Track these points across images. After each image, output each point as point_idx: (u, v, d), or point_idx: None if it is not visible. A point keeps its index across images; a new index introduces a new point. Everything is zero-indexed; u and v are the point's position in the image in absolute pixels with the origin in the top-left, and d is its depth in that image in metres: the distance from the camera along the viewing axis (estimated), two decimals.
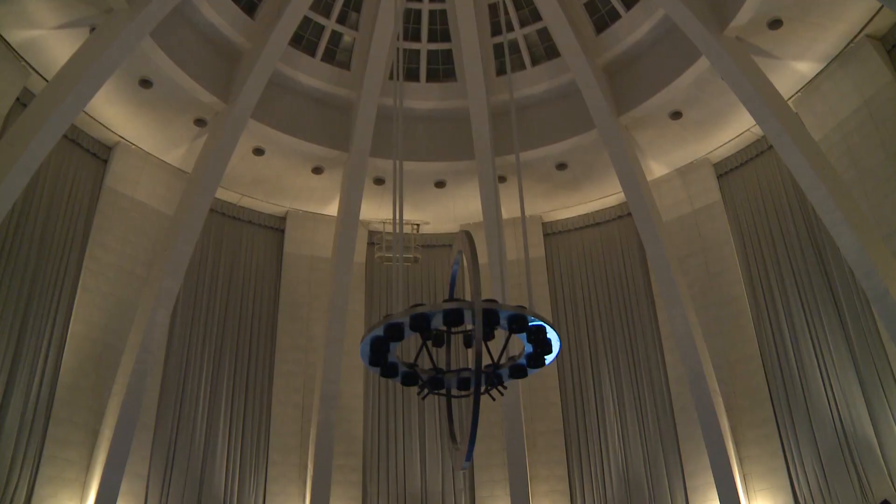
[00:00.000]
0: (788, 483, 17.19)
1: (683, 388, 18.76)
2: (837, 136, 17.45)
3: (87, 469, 16.67)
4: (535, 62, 20.48)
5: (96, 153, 19.01)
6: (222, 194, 20.59)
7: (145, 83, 17.95)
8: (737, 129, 19.46)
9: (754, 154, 19.83)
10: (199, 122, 19.14)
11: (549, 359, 7.69)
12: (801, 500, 16.97)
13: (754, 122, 17.91)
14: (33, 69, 16.88)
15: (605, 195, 21.81)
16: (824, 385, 17.08)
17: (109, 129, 18.82)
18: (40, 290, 16.96)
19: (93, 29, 16.57)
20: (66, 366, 16.97)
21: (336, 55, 20.39)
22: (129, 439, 16.58)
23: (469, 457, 7.12)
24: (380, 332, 7.35)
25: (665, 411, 19.40)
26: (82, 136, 18.61)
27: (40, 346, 16.71)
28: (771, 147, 18.55)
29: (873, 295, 15.26)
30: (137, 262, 18.87)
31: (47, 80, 16.73)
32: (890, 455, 15.66)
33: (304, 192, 21.63)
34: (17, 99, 16.77)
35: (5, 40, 16.23)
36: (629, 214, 20.41)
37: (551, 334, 7.48)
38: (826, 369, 17.11)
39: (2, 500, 15.31)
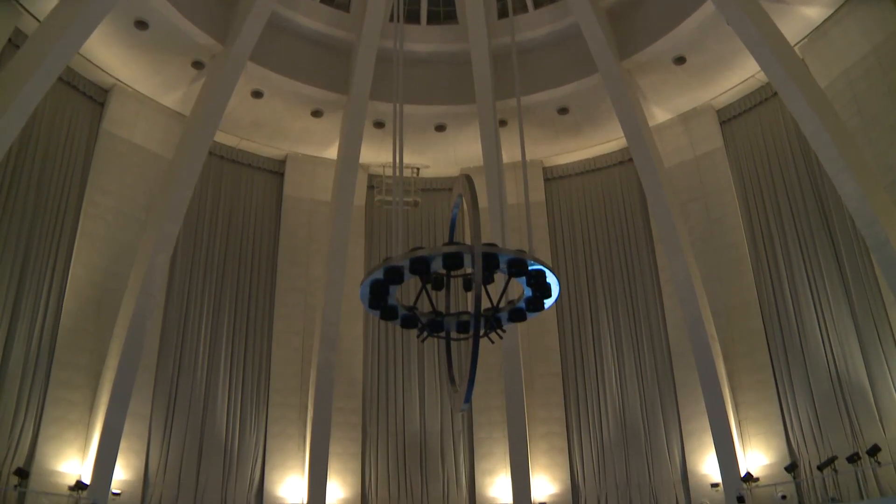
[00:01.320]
0: (782, 428, 17.41)
1: (681, 334, 18.88)
2: (843, 83, 17.26)
3: (91, 410, 16.86)
4: (537, 5, 20.16)
5: (93, 96, 18.80)
6: (221, 138, 20.43)
7: (141, 24, 17.65)
8: (741, 75, 19.22)
9: (758, 101, 19.63)
10: (197, 65, 18.89)
11: (548, 303, 7.70)
12: (794, 445, 17.21)
13: (759, 69, 17.67)
14: (24, 9, 16.56)
15: (606, 140, 21.66)
16: (821, 332, 17.19)
17: (105, 72, 18.58)
18: (39, 234, 16.95)
19: None
20: (67, 309, 17.05)
21: None
22: (131, 381, 16.73)
23: (468, 399, 7.17)
24: (379, 275, 7.35)
25: (662, 356, 19.55)
26: (78, 79, 18.38)
27: (41, 290, 16.76)
28: (775, 94, 18.36)
29: (873, 243, 15.25)
30: (136, 206, 18.82)
31: (39, 21, 16.45)
32: (882, 401, 15.83)
33: (303, 136, 21.47)
34: (10, 40, 16.50)
35: None
36: (630, 160, 20.29)
37: (551, 278, 7.48)
38: (823, 316, 17.20)
39: (9, 440, 15.53)
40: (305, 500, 18.43)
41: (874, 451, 15.23)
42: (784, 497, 16.64)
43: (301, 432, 19.23)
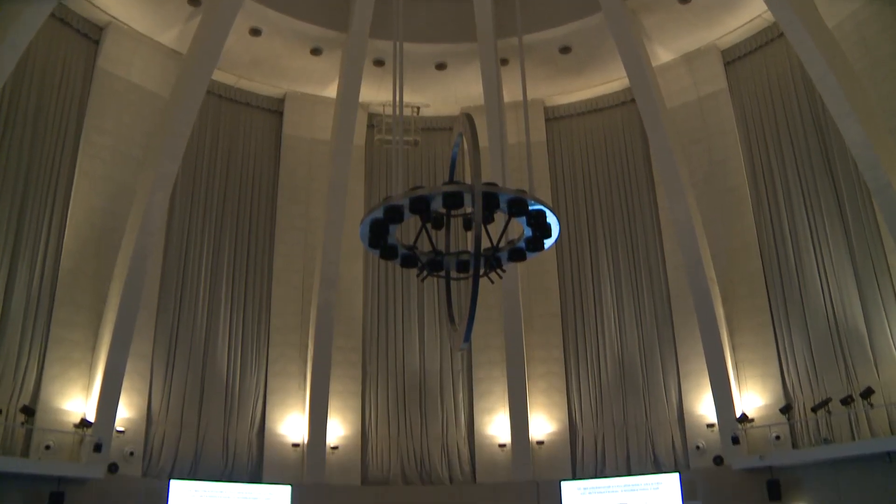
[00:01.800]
0: (778, 371, 17.57)
1: (681, 276, 18.92)
2: (851, 25, 16.96)
3: (93, 350, 16.99)
4: None
5: (87, 34, 18.48)
6: (219, 76, 20.16)
7: None
8: (747, 15, 18.86)
9: (764, 42, 19.31)
10: (193, 2, 18.50)
11: (548, 243, 7.68)
12: (789, 387, 17.39)
13: (766, 8, 17.32)
14: None
15: (608, 80, 21.37)
16: (820, 275, 17.23)
17: (99, 9, 18.22)
18: (37, 174, 16.87)
19: None
20: (67, 250, 17.06)
21: None
22: (133, 321, 16.83)
23: (467, 338, 7.20)
24: (379, 214, 7.32)
25: (661, 297, 19.62)
26: (72, 16, 18.04)
27: (40, 231, 16.76)
28: (781, 35, 18.03)
29: (875, 187, 15.18)
30: (134, 145, 18.68)
31: None
32: (878, 345, 15.94)
33: (302, 74, 21.19)
34: None
35: None
36: (633, 100, 20.04)
37: (551, 219, 7.44)
38: (823, 260, 17.22)
39: (14, 379, 15.71)
40: (306, 438, 18.70)
41: (867, 393, 15.41)
42: (778, 438, 16.88)
43: (301, 371, 19.41)
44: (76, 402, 16.47)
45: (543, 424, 19.52)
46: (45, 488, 15.31)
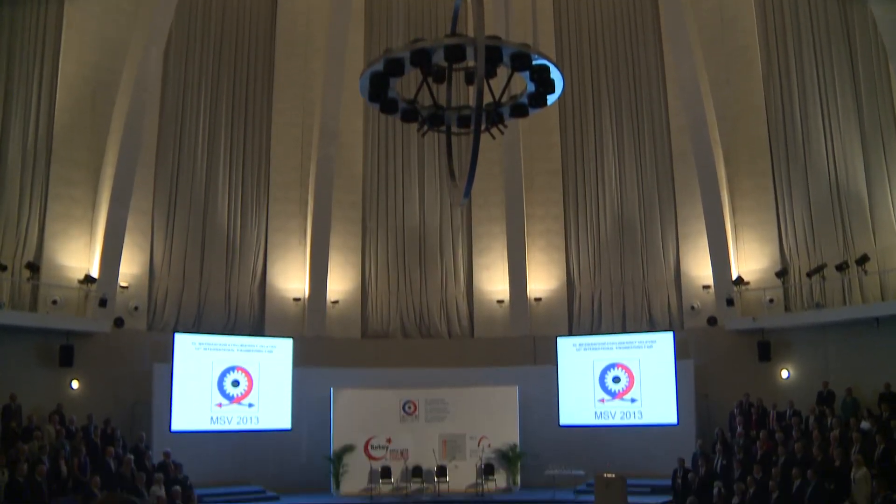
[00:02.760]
0: (777, 235, 17.67)
1: (684, 136, 18.69)
2: None
3: (94, 206, 17.03)
4: None
5: None
6: None
7: None
8: None
9: None
10: None
11: (550, 99, 7.49)
12: (786, 252, 17.53)
13: None
14: None
15: None
16: (825, 141, 17.03)
17: None
18: (22, 28, 16.37)
19: None
20: (60, 105, 16.78)
21: None
22: (131, 176, 16.77)
23: (467, 193, 7.13)
24: (379, 67, 7.10)
25: (664, 157, 19.42)
26: None
27: (31, 86, 16.44)
28: None
29: (893, 48, 14.78)
30: None
31: None
32: (878, 213, 15.96)
33: None
34: None
35: None
36: None
37: (554, 74, 7.23)
38: (830, 126, 16.96)
39: (16, 236, 15.82)
40: (307, 293, 18.99)
41: (863, 260, 15.54)
42: (771, 301, 17.14)
43: (302, 226, 19.48)
44: (79, 258, 16.64)
45: (541, 281, 19.80)
46: (55, 342, 15.76)
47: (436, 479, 17.14)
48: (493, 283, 19.94)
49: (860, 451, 12.61)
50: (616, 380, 18.00)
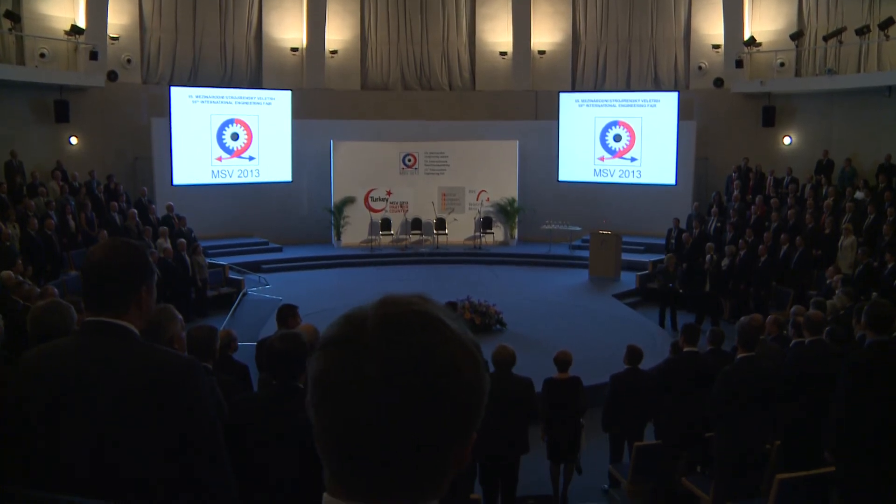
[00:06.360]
0: None
1: None
2: None
3: None
4: None
5: None
6: None
7: None
8: None
9: None
10: None
11: None
12: (805, 13, 16.84)
13: None
14: None
15: None
16: None
17: None
18: None
19: None
20: None
21: None
22: None
23: None
24: None
25: None
26: None
27: None
28: None
29: None
30: None
31: None
32: None
33: None
34: None
35: None
36: None
37: None
38: None
39: None
40: (304, 42, 18.37)
41: (888, 23, 14.90)
42: (782, 65, 16.72)
43: None
44: (63, 7, 15.75)
45: (546, 34, 19.11)
46: (49, 97, 15.39)
47: (435, 231, 17.71)
48: (497, 34, 19.20)
49: (851, 220, 13.06)
50: (617, 138, 18.00)
